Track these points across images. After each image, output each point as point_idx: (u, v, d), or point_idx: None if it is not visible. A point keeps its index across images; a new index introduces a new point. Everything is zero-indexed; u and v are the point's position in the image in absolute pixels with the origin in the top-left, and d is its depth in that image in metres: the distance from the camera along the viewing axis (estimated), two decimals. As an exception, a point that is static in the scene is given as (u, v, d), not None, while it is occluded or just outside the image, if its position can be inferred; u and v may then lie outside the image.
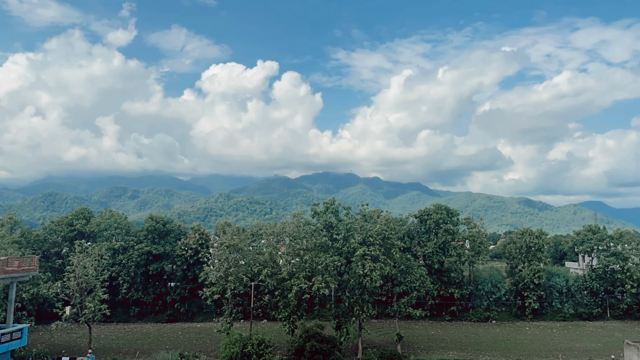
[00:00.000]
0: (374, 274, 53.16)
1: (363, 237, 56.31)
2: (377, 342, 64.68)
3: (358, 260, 54.11)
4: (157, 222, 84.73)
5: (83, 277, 53.42)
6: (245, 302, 76.70)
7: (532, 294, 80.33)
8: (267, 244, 61.09)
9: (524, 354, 59.96)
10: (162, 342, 65.37)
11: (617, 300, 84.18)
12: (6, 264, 44.28)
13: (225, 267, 57.00)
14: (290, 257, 58.55)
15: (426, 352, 59.72)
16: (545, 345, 64.72)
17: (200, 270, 71.80)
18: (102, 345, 62.86)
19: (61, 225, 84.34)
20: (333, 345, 50.67)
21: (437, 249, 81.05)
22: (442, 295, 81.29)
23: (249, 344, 48.62)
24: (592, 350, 61.21)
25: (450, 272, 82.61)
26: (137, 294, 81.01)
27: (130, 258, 79.97)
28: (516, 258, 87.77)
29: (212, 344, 62.64)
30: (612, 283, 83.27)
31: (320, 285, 53.41)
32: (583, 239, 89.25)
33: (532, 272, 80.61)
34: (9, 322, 45.19)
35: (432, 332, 73.02)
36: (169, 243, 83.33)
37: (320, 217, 59.70)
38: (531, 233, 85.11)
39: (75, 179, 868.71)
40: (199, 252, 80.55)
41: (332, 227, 59.48)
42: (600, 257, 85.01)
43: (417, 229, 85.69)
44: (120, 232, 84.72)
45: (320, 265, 54.12)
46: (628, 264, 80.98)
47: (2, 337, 42.25)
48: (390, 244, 58.43)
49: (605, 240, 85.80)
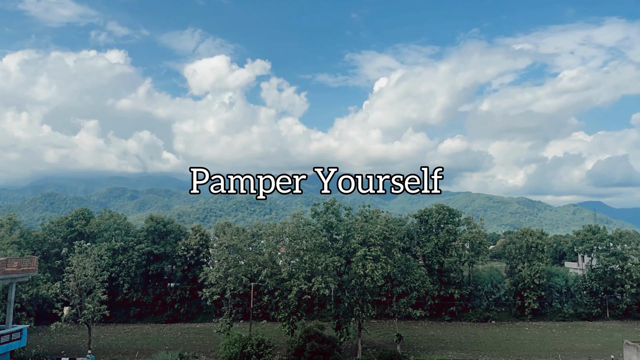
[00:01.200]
0: (374, 274, 53.12)
1: (363, 237, 56.28)
2: (376, 342, 64.68)
3: (358, 261, 54.08)
4: (157, 222, 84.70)
5: (82, 277, 53.33)
6: (245, 303, 76.67)
7: (531, 294, 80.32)
8: (266, 244, 61.01)
9: (524, 354, 59.98)
10: (161, 342, 65.33)
11: (616, 300, 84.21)
12: (5, 264, 44.25)
13: (225, 267, 56.98)
14: (290, 258, 58.46)
15: (426, 352, 59.71)
16: (544, 345, 64.73)
17: (200, 270, 71.72)
18: (101, 345, 62.80)
19: (61, 225, 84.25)
20: (333, 346, 50.69)
21: (437, 249, 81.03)
22: (442, 296, 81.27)
23: (248, 345, 48.58)
24: (591, 350, 61.23)
25: (450, 272, 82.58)
26: (136, 294, 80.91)
27: (130, 258, 79.88)
28: (516, 258, 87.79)
29: (212, 344, 62.60)
30: (612, 283, 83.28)
31: (320, 285, 53.34)
32: (583, 239, 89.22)
33: (533, 272, 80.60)
34: (8, 323, 45.17)
35: (431, 332, 73.03)
36: (169, 243, 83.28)
37: (320, 217, 59.65)
38: (532, 233, 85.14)
39: (75, 180, 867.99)
40: (199, 252, 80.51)
41: (333, 228, 59.44)
42: (599, 257, 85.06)
43: (417, 229, 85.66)
44: (120, 232, 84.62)
45: (320, 266, 54.04)
46: (628, 264, 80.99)
47: (2, 338, 42.23)
48: (390, 244, 58.41)
49: (605, 241, 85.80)
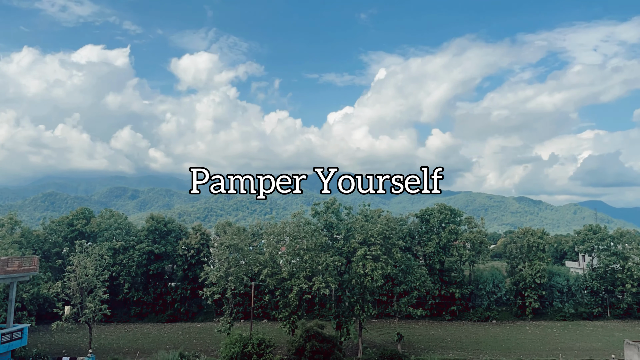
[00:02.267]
0: (375, 273, 53.14)
1: (364, 237, 56.29)
2: (377, 342, 64.67)
3: (359, 260, 54.10)
4: (158, 222, 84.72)
5: (83, 277, 53.38)
6: (246, 302, 76.73)
7: (532, 293, 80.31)
8: (267, 243, 60.98)
9: (525, 353, 59.96)
10: (162, 342, 65.35)
11: (617, 299, 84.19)
12: (6, 264, 44.33)
13: (226, 267, 56.97)
14: (290, 257, 58.45)
15: (426, 352, 59.68)
16: (545, 344, 64.70)
17: (200, 270, 71.75)
18: (102, 345, 62.84)
19: (61, 225, 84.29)
20: (333, 345, 50.71)
21: (438, 248, 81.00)
22: (443, 295, 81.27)
23: (249, 344, 48.63)
24: (592, 350, 61.20)
25: (451, 271, 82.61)
26: (137, 294, 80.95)
27: (131, 258, 79.92)
28: (517, 258, 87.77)
29: (213, 343, 62.62)
30: (613, 283, 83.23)
31: (320, 285, 53.34)
32: (584, 238, 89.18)
33: (534, 271, 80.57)
34: (9, 322, 45.24)
35: (432, 331, 73.00)
36: (169, 243, 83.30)
37: (320, 217, 59.68)
38: (533, 233, 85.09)
39: (75, 179, 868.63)
40: (200, 251, 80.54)
41: (333, 227, 59.46)
42: (600, 256, 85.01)
43: (418, 229, 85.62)
44: (121, 232, 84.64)
45: (321, 265, 54.06)
46: (629, 264, 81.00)
47: (3, 337, 42.30)
48: (391, 244, 58.41)
49: (606, 240, 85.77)
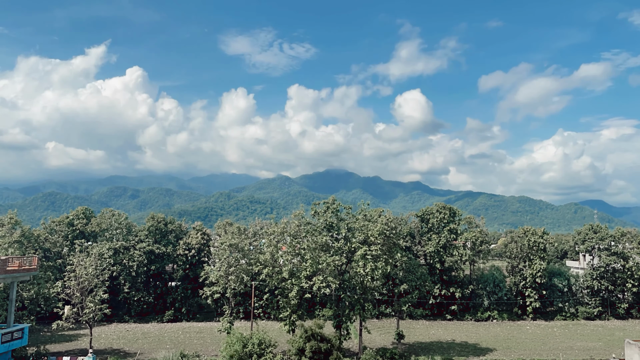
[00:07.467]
0: (375, 273, 53.10)
1: (364, 236, 56.27)
2: (378, 342, 64.64)
3: (359, 260, 54.07)
4: (158, 221, 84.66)
5: (84, 276, 53.36)
6: (246, 302, 76.72)
7: (533, 293, 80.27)
8: (267, 243, 60.96)
9: (525, 352, 59.90)
10: (163, 341, 65.33)
11: (618, 299, 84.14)
12: (7, 263, 44.35)
13: (226, 266, 56.95)
14: (291, 257, 58.43)
15: (427, 352, 59.63)
16: (546, 344, 64.67)
17: (201, 269, 71.73)
18: (102, 344, 62.81)
19: (62, 224, 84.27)
20: (333, 345, 50.63)
21: (438, 248, 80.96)
22: (443, 295, 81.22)
23: (249, 344, 48.54)
24: (593, 349, 61.15)
25: (451, 271, 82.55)
26: (138, 293, 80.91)
27: (131, 258, 79.89)
28: (517, 257, 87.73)
29: (213, 343, 62.63)
30: (613, 282, 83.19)
31: (321, 284, 53.30)
32: (584, 237, 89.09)
33: (534, 271, 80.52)
34: (9, 322, 45.26)
35: (432, 331, 72.95)
36: (170, 243, 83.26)
37: (320, 217, 59.63)
38: (533, 232, 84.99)
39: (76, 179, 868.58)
40: (200, 251, 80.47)
41: (333, 227, 59.40)
42: (601, 256, 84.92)
43: (418, 229, 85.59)
44: (121, 231, 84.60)
45: (321, 265, 54.05)
46: (629, 263, 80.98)
47: (3, 337, 42.31)
48: (391, 244, 58.37)
49: (606, 239, 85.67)
